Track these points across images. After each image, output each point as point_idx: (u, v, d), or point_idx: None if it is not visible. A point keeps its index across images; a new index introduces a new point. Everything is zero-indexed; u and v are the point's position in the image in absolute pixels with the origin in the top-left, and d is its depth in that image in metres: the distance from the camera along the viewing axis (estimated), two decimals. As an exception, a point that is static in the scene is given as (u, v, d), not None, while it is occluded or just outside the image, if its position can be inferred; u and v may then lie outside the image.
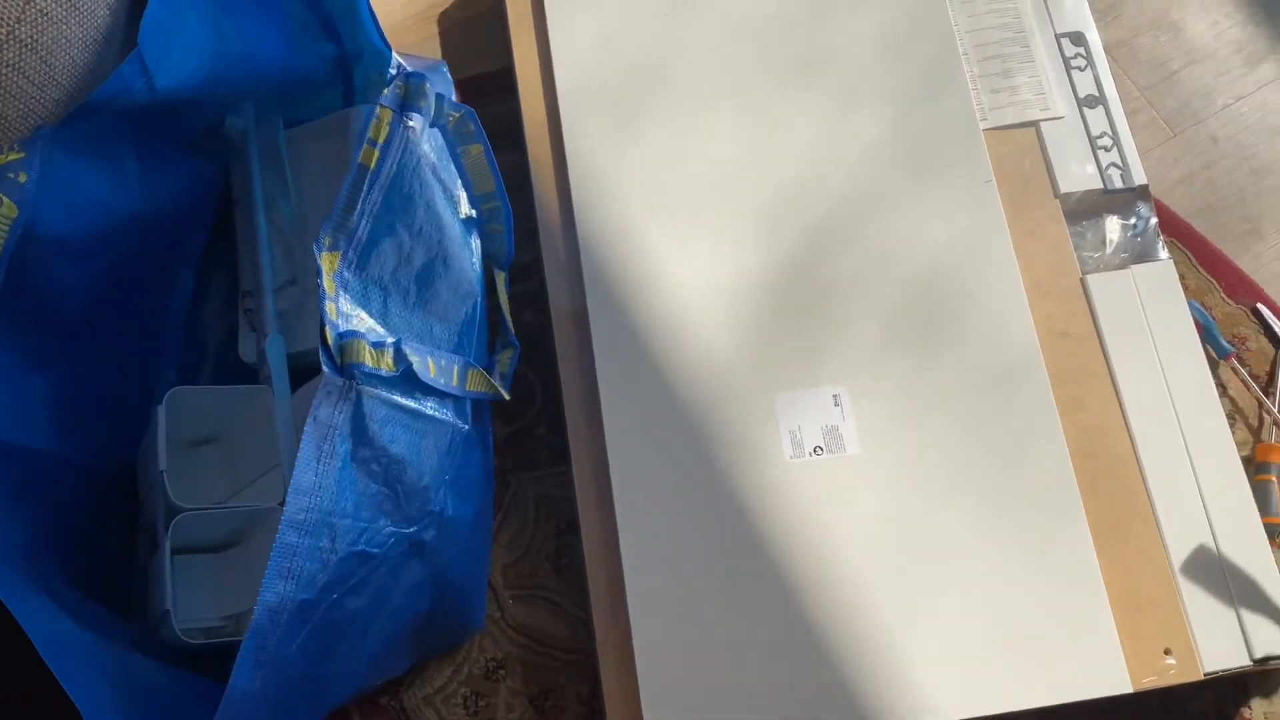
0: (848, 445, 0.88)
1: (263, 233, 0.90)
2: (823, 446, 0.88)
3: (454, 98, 0.97)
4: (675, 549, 0.84)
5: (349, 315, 0.66)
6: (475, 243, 0.79)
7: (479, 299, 0.78)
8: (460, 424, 0.75)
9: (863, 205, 0.94)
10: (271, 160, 0.93)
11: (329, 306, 0.63)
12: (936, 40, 1.00)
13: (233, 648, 0.76)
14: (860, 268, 0.92)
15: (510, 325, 0.88)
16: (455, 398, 0.74)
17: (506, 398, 0.80)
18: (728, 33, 0.99)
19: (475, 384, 0.76)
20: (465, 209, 0.78)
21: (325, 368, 0.62)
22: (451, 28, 1.07)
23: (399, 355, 0.66)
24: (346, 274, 0.66)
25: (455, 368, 0.74)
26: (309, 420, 0.62)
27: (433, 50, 1.06)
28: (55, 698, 0.61)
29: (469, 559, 0.81)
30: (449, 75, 0.88)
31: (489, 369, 0.86)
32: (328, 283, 0.64)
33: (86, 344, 0.79)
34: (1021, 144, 0.98)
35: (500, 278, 0.88)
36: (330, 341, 0.63)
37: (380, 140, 0.66)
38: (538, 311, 0.95)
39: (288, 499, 0.61)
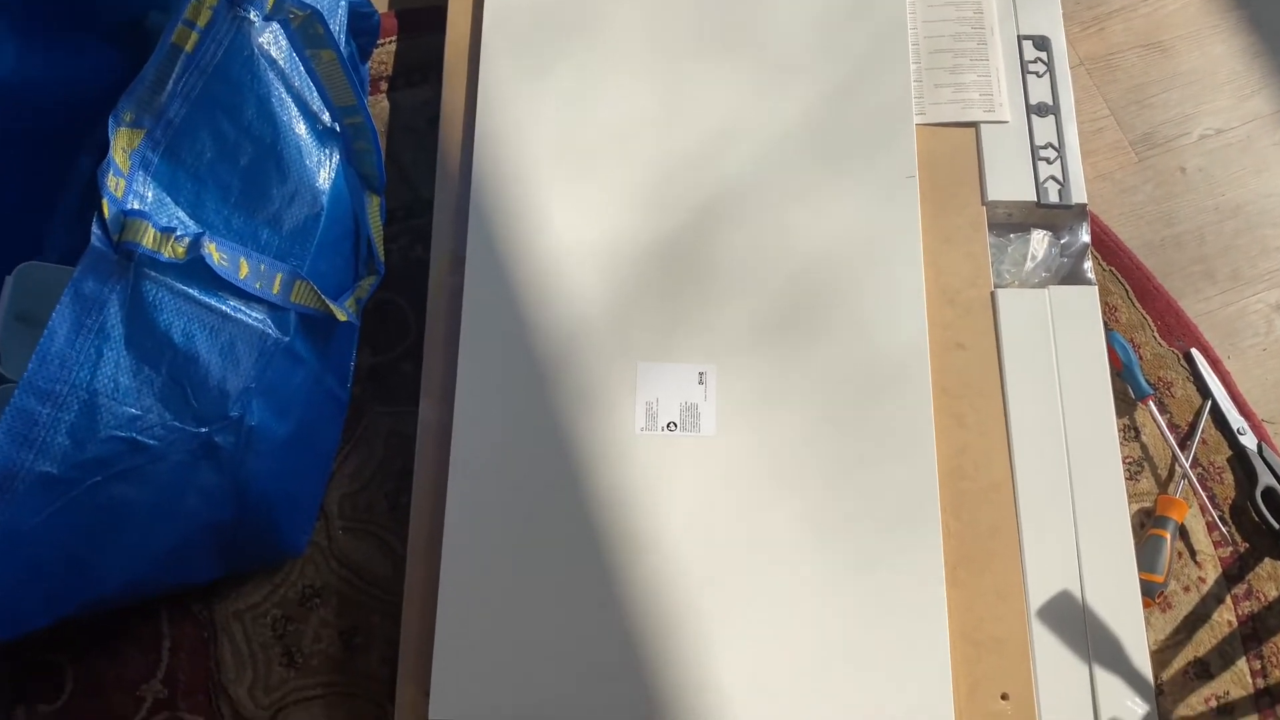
0: (704, 426, 0.83)
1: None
2: (677, 423, 0.83)
3: (377, 19, 0.96)
4: (502, 505, 0.81)
5: (144, 196, 0.64)
6: (333, 156, 0.77)
7: (323, 212, 0.76)
8: (277, 334, 0.73)
9: (769, 181, 0.89)
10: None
11: (111, 180, 0.62)
12: (886, 24, 0.94)
13: None
14: (754, 244, 0.88)
15: (379, 252, 0.86)
16: (273, 305, 0.72)
17: (343, 318, 0.78)
18: (664, -11, 0.95)
19: (302, 296, 0.74)
20: (325, 120, 0.76)
21: (95, 240, 0.61)
22: (406, -43, 1.06)
23: (194, 245, 0.64)
24: (151, 155, 0.65)
25: (279, 275, 0.72)
26: (68, 289, 0.61)
27: (385, -23, 1.05)
28: None
29: (283, 478, 0.79)
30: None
31: (348, 292, 0.84)
32: (119, 157, 0.63)
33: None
34: (956, 144, 0.92)
35: (374, 202, 0.86)
36: (108, 215, 0.61)
37: (200, 23, 0.64)
38: (428, 248, 0.93)
39: (30, 365, 0.60)
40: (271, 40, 0.70)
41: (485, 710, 0.77)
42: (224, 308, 0.69)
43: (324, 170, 0.77)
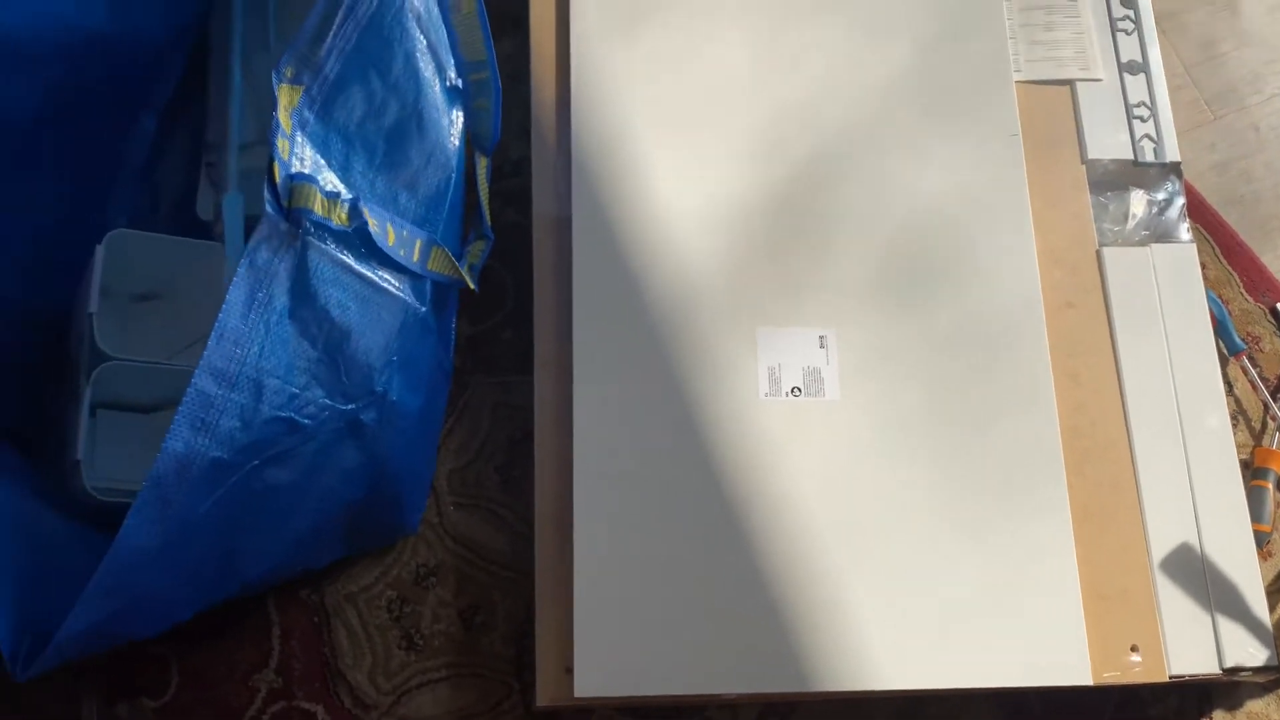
0: (828, 390, 0.82)
1: (236, 84, 0.84)
2: (801, 388, 0.82)
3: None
4: (631, 478, 0.79)
5: (304, 159, 0.60)
6: (458, 115, 0.73)
7: (454, 175, 0.72)
8: (416, 304, 0.69)
9: (873, 139, 0.88)
10: (256, 9, 0.86)
11: (281, 143, 0.57)
12: (979, -20, 0.93)
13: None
14: (863, 205, 0.86)
15: (487, 216, 0.82)
16: (414, 275, 0.68)
17: (472, 287, 0.75)
18: (759, -60, 0.92)
19: (438, 264, 0.70)
20: (452, 77, 0.72)
21: (268, 207, 0.57)
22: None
23: (355, 212, 0.60)
24: (308, 114, 0.60)
25: (418, 242, 0.68)
26: (243, 261, 0.56)
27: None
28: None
29: (411, 454, 0.76)
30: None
31: (458, 258, 0.80)
32: (283, 117, 0.58)
33: (29, 169, 0.74)
34: (1054, 102, 0.92)
35: (482, 163, 0.82)
36: (278, 181, 0.57)
37: (360, -30, 0.60)
38: (519, 211, 0.90)
39: (209, 343, 0.55)
40: (418, -10, 0.65)
41: (630, 683, 0.75)
42: (374, 276, 0.65)
43: (454, 130, 0.73)
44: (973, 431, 0.82)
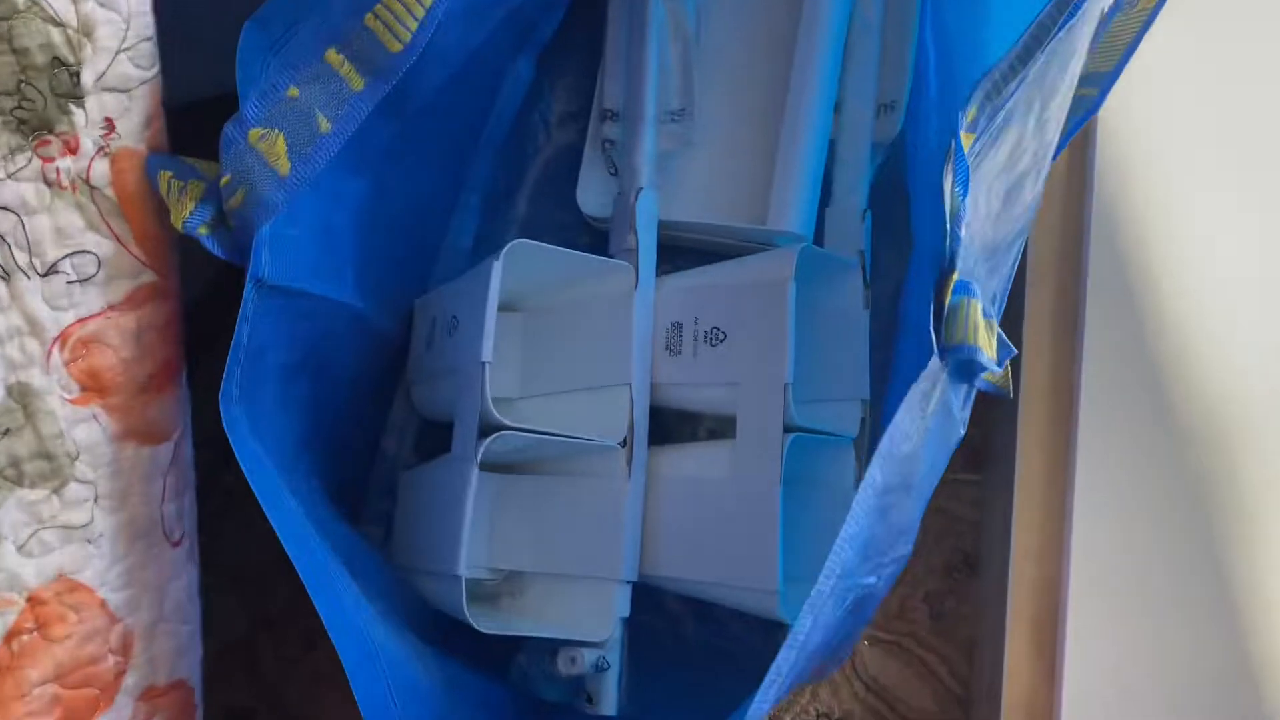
0: None
1: (655, 30, 0.61)
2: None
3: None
4: (1134, 641, 0.59)
5: (955, 252, 0.37)
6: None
7: (1027, 234, 0.50)
8: (961, 428, 0.47)
9: None
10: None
11: (965, 233, 0.35)
12: None
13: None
14: None
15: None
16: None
17: (1009, 395, 0.53)
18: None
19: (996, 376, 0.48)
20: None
21: (934, 342, 0.35)
22: None
23: (1003, 341, 0.39)
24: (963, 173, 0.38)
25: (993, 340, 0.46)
26: (890, 430, 0.35)
27: None
28: None
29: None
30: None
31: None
32: (952, 188, 0.36)
33: (409, 149, 0.53)
34: None
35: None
36: (948, 300, 0.35)
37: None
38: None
39: (852, 513, 0.35)
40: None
41: None
42: (955, 404, 0.44)
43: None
44: None
